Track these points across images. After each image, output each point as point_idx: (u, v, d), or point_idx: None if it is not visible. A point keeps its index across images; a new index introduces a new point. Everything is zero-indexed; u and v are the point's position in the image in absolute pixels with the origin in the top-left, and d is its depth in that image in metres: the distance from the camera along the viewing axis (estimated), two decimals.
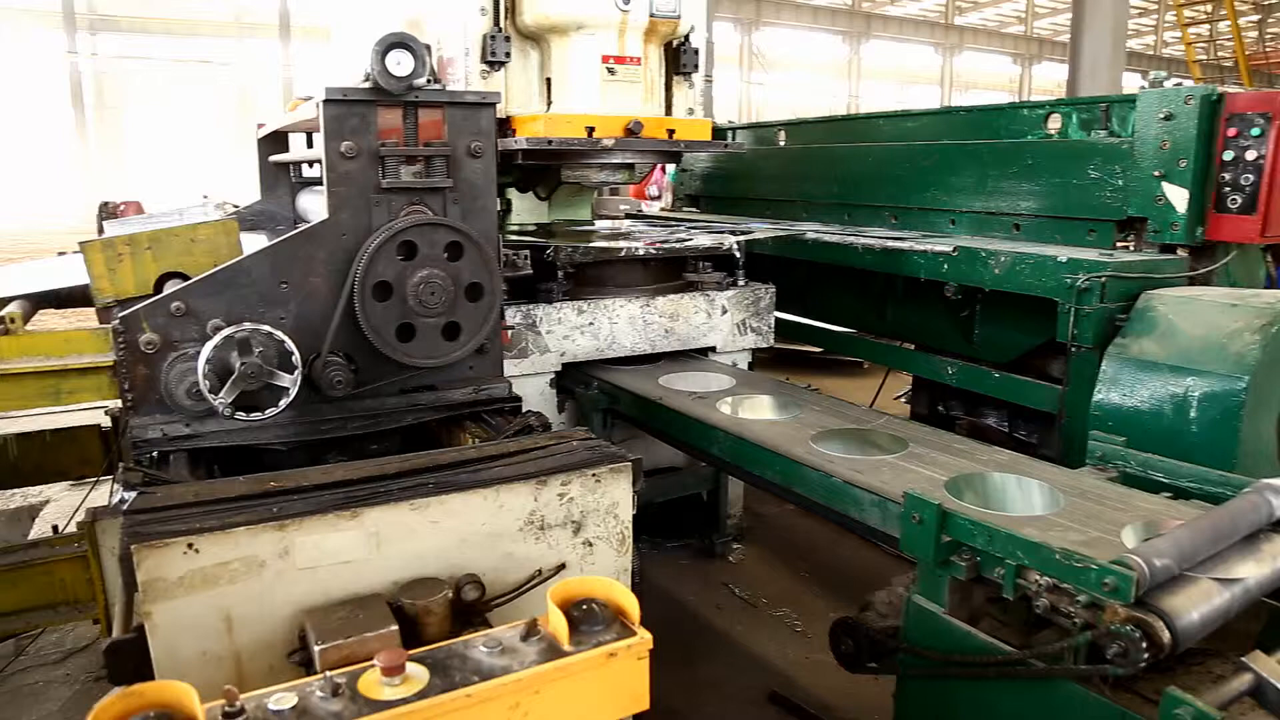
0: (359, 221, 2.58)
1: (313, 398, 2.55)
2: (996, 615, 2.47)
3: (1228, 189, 3.70)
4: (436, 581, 1.96)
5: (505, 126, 4.04)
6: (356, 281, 2.50)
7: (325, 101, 2.50)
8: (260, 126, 5.30)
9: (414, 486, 2.02)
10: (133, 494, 2.00)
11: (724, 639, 3.97)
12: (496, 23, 3.92)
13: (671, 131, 4.14)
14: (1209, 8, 30.70)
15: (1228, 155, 3.68)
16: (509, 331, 3.78)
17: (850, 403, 3.69)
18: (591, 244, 4.10)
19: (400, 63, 2.50)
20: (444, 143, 2.65)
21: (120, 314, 2.46)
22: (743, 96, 31.04)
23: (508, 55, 3.92)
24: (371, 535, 1.94)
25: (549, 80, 4.11)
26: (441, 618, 1.90)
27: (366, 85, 2.53)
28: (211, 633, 1.81)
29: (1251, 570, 2.18)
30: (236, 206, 5.48)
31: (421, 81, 2.55)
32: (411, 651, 1.57)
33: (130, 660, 1.78)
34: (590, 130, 3.91)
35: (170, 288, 2.57)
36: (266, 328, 2.42)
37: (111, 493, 2.23)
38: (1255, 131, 3.60)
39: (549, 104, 4.11)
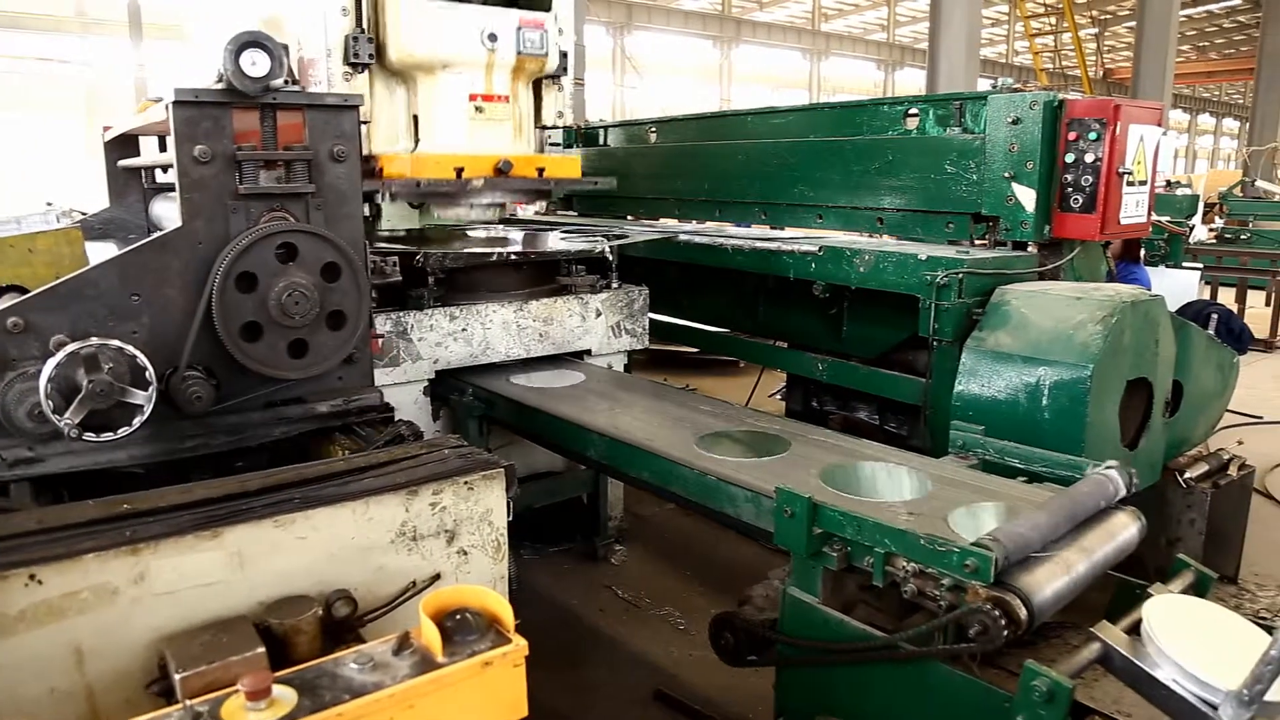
0: (215, 229, 2.43)
1: (172, 415, 2.39)
2: (871, 602, 2.55)
3: (1070, 189, 3.93)
4: (305, 599, 1.90)
5: (371, 164, 3.95)
6: (214, 297, 2.37)
7: (175, 103, 2.36)
8: (107, 129, 5.03)
9: (278, 502, 1.95)
10: None
11: (608, 640, 3.97)
12: (359, 23, 3.82)
13: (541, 170, 4.13)
14: (1053, 20, 32.59)
15: (1069, 158, 3.91)
16: (379, 340, 3.69)
17: (726, 401, 3.75)
18: (463, 249, 4.05)
19: (255, 63, 2.38)
20: (305, 146, 2.53)
21: None
22: (616, 100, 31.17)
23: (371, 56, 3.82)
24: (234, 555, 1.87)
25: (416, 118, 4.04)
26: (311, 636, 1.84)
27: (220, 86, 2.39)
28: (59, 668, 1.70)
29: (1098, 546, 2.33)
30: (84, 214, 5.19)
31: (279, 83, 2.43)
32: (278, 673, 1.51)
33: None
34: (459, 171, 3.86)
35: (6, 302, 2.36)
36: (116, 342, 2.24)
37: None
38: (1093, 135, 3.83)
39: (416, 142, 4.04)
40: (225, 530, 1.85)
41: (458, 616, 1.58)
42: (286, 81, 2.47)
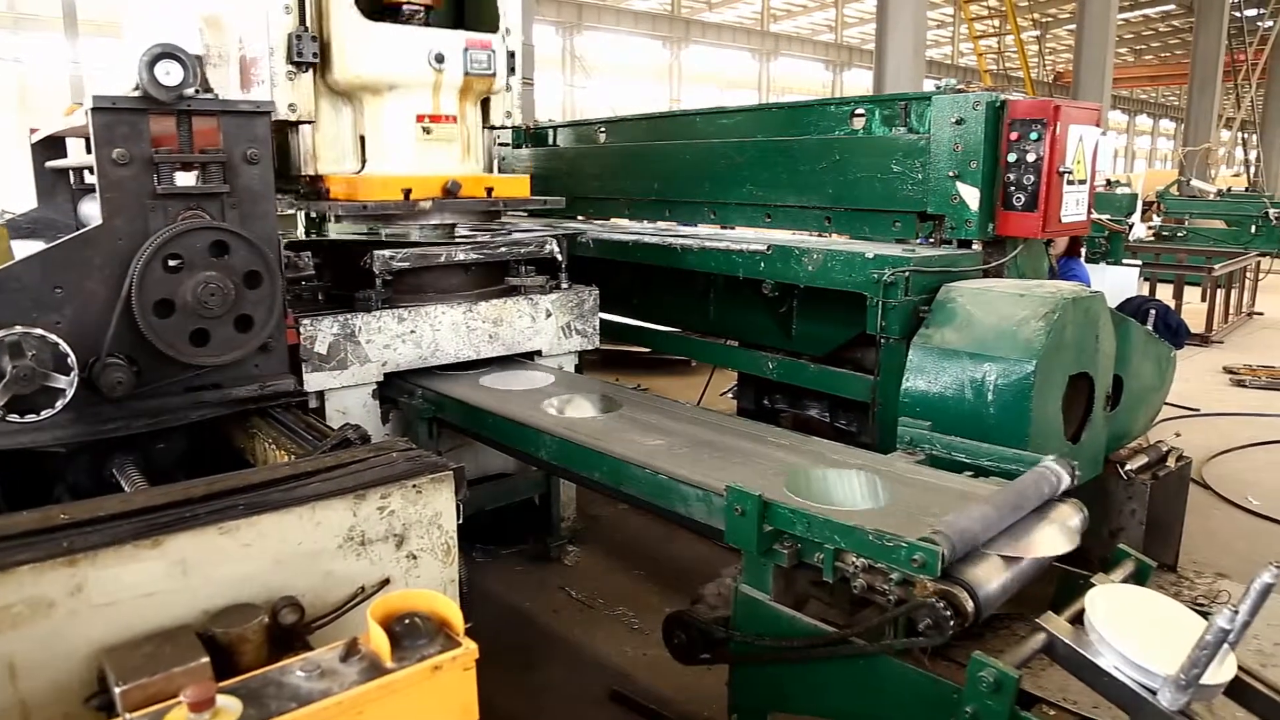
0: (135, 226, 2.58)
1: (94, 400, 2.55)
2: (823, 598, 2.58)
3: (1013, 188, 4.00)
4: (251, 607, 1.86)
5: (318, 185, 3.91)
6: (133, 290, 2.52)
7: (94, 110, 2.52)
8: (34, 131, 4.94)
9: (223, 509, 1.92)
10: None
11: (562, 642, 3.96)
12: (302, 21, 3.76)
13: (490, 190, 4.10)
14: (997, 23, 33.19)
15: (1011, 157, 3.97)
16: (295, 329, 3.64)
17: (677, 401, 3.76)
18: (411, 250, 4.00)
19: (169, 73, 2.53)
20: (219, 150, 2.69)
21: None
22: (566, 100, 31.11)
23: (315, 56, 3.76)
24: (177, 564, 1.83)
25: (363, 138, 3.99)
26: (257, 645, 1.81)
27: (137, 94, 2.55)
28: None
29: (1042, 538, 2.37)
30: (13, 214, 5.07)
31: (190, 91, 2.60)
32: (222, 683, 1.48)
33: None
34: (407, 192, 3.81)
35: None
36: (39, 331, 2.38)
37: None
38: (1034, 136, 3.90)
39: (363, 163, 3.99)
40: (167, 538, 1.81)
41: (406, 621, 1.56)
42: (197, 91, 2.64)
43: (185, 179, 2.67)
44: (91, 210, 4.53)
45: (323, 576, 1.99)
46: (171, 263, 2.59)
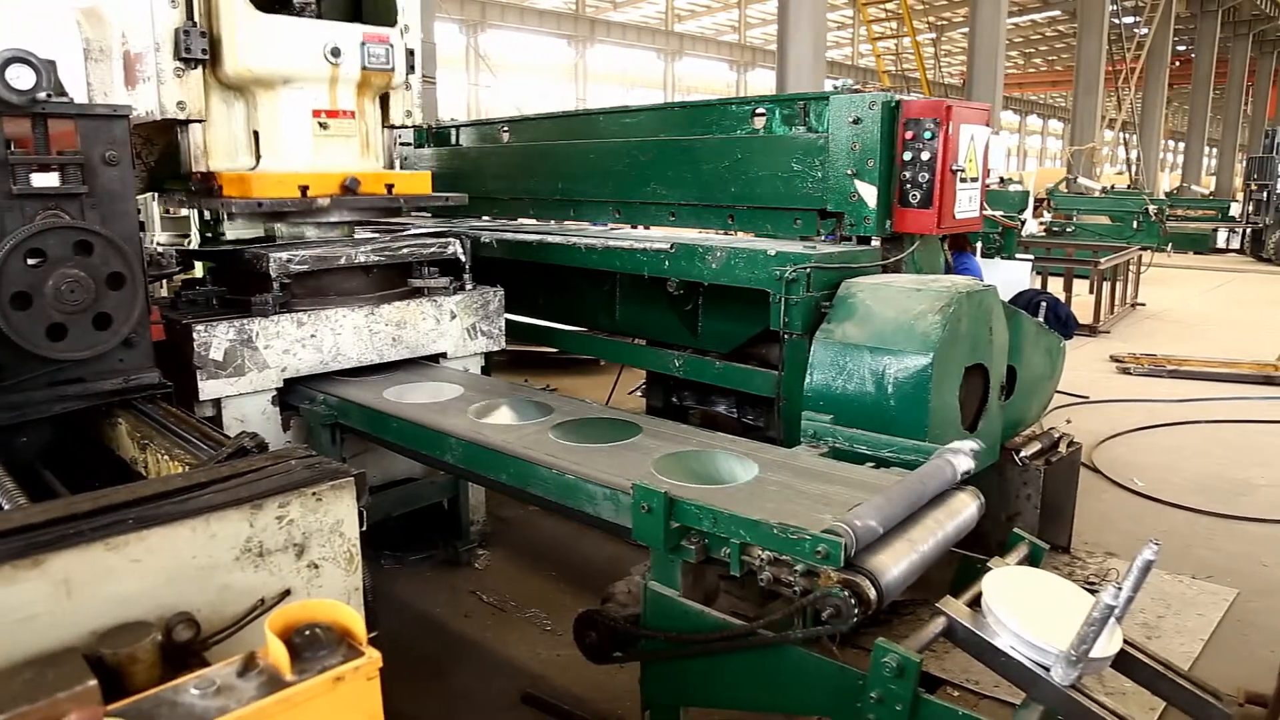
0: None
1: None
2: (734, 591, 2.61)
3: (909, 186, 4.10)
4: (143, 625, 1.78)
5: (210, 182, 3.78)
6: None
7: None
8: None
9: (109, 524, 1.83)
10: None
11: (474, 646, 3.92)
12: (190, 15, 3.63)
13: (390, 186, 4.03)
14: (895, 25, 34.08)
15: (907, 155, 4.07)
16: (160, 325, 3.54)
17: (585, 400, 3.75)
18: (309, 253, 3.90)
19: (20, 77, 2.58)
20: (77, 151, 2.74)
21: None
22: (470, 99, 30.79)
23: (204, 52, 3.64)
24: (60, 583, 1.74)
25: (256, 134, 3.86)
26: (149, 665, 1.74)
27: None
28: None
29: (942, 525, 2.44)
30: None
31: (43, 95, 2.64)
32: (110, 706, 1.42)
33: None
34: (304, 189, 3.71)
35: None
36: None
37: None
38: (928, 135, 4.01)
39: (258, 159, 3.86)
40: (49, 557, 1.72)
41: (307, 632, 1.52)
42: (49, 95, 2.67)
43: (45, 180, 2.70)
44: None
45: (219, 590, 1.92)
46: (30, 260, 2.61)
